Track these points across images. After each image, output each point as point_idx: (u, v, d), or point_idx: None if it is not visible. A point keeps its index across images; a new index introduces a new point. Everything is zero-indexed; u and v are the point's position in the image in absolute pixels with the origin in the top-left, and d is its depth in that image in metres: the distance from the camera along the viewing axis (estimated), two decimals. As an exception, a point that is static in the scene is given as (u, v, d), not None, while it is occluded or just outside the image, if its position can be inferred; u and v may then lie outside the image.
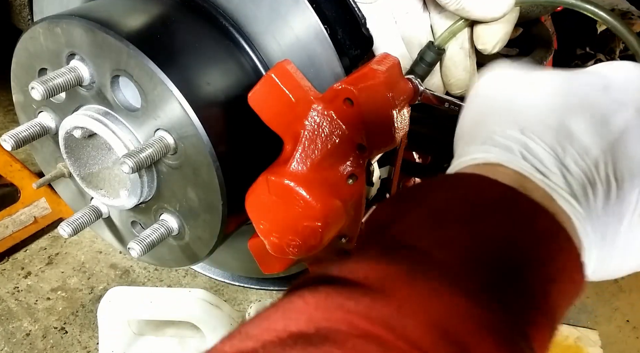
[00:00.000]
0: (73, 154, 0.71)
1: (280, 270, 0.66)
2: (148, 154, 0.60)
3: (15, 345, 1.47)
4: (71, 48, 0.63)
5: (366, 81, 0.58)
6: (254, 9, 0.67)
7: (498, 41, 0.71)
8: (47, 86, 0.61)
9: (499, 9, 0.66)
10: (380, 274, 0.35)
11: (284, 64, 0.58)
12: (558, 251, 0.39)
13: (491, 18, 0.67)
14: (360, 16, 0.69)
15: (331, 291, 0.34)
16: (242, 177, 0.64)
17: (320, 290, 0.34)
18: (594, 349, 1.42)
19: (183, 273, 1.71)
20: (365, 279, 0.34)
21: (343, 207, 0.59)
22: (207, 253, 0.70)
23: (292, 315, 0.33)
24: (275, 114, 0.59)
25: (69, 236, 0.71)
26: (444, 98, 0.72)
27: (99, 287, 1.65)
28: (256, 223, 0.62)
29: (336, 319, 0.32)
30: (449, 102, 0.72)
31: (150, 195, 0.68)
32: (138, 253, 0.65)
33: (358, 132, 0.58)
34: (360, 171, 0.60)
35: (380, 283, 0.34)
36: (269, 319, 0.33)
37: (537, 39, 1.14)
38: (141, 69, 0.59)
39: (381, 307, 0.32)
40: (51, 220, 1.77)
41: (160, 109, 0.61)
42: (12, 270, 1.71)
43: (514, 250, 0.38)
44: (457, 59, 0.75)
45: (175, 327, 1.31)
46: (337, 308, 0.32)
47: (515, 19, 0.71)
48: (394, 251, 0.38)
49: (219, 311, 1.17)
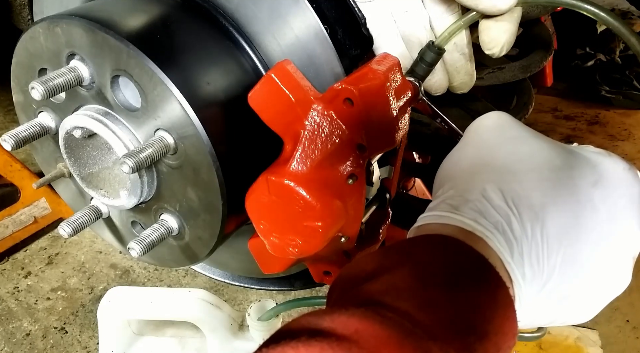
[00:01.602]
0: (73, 154, 0.71)
1: (280, 270, 0.66)
2: (148, 154, 0.60)
3: (15, 345, 1.47)
4: (71, 48, 0.63)
5: (366, 81, 0.58)
6: (254, 9, 0.67)
7: (505, 43, 0.70)
8: (47, 86, 0.61)
9: (506, 1, 0.66)
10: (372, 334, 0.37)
11: (284, 64, 0.58)
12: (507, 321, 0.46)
13: (498, 10, 0.66)
14: (360, 16, 0.69)
15: (325, 346, 0.34)
16: (242, 177, 0.64)
17: (314, 344, 0.34)
18: (594, 349, 1.42)
19: (183, 273, 1.71)
20: (356, 334, 0.36)
21: (343, 207, 0.59)
22: (207, 253, 0.70)
23: None
24: (275, 114, 0.59)
25: (69, 236, 0.71)
26: (438, 114, 0.73)
27: (99, 287, 1.65)
28: (256, 223, 0.62)
29: None
30: (441, 119, 0.73)
31: (150, 195, 0.68)
32: (138, 253, 0.65)
33: (358, 132, 0.58)
34: (360, 171, 0.61)
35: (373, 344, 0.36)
36: None
37: (537, 39, 1.15)
38: (141, 69, 0.59)
39: None
40: (51, 220, 1.78)
41: (160, 109, 0.61)
42: (12, 270, 1.71)
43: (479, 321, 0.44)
44: (459, 65, 0.75)
45: (175, 327, 1.31)
46: None
47: (519, 19, 0.71)
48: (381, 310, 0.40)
49: (219, 311, 1.17)
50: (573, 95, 2.94)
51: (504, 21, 0.69)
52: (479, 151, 0.56)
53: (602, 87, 2.88)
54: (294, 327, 0.38)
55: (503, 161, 0.53)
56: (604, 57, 2.97)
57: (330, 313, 0.38)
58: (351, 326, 0.36)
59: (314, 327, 0.37)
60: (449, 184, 0.56)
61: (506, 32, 0.70)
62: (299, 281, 0.96)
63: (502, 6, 0.66)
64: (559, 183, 0.51)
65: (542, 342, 1.41)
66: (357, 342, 0.35)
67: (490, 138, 0.57)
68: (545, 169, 0.52)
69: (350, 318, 0.37)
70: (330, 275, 0.72)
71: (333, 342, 0.35)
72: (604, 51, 2.97)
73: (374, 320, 0.37)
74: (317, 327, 0.37)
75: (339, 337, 0.35)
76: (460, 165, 0.57)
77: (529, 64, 1.06)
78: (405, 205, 1.02)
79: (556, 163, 0.53)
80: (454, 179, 0.56)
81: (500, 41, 0.70)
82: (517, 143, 0.55)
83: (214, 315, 1.16)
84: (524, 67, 1.06)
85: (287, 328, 0.38)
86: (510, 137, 0.56)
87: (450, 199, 0.53)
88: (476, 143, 0.57)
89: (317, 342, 0.35)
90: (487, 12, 0.67)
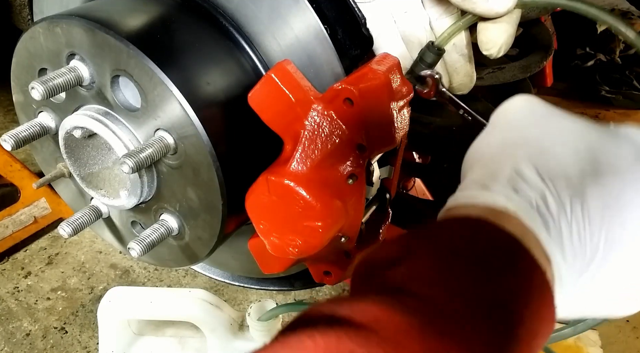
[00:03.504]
0: (73, 154, 0.71)
1: (280, 270, 0.66)
2: (148, 154, 0.60)
3: (15, 345, 1.47)
4: (71, 48, 0.63)
5: (366, 81, 0.58)
6: (254, 9, 0.67)
7: (502, 44, 0.70)
8: (47, 86, 0.61)
9: (503, 4, 0.65)
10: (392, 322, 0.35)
11: (284, 64, 0.58)
12: (543, 306, 0.42)
13: (495, 13, 0.66)
14: (360, 16, 0.69)
15: (343, 335, 0.33)
16: (242, 177, 0.64)
17: (330, 333, 0.33)
18: (594, 349, 1.42)
19: (183, 273, 1.71)
20: (375, 323, 0.34)
21: (343, 207, 0.59)
22: (207, 253, 0.70)
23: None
24: (275, 114, 0.59)
25: (69, 236, 0.71)
26: (461, 105, 0.72)
27: (99, 287, 1.66)
28: (256, 223, 0.62)
29: None
30: (464, 110, 0.72)
31: (150, 195, 0.68)
32: (138, 253, 0.66)
33: (358, 132, 0.58)
34: (360, 171, 0.61)
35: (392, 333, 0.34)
36: None
37: (537, 39, 1.15)
38: (141, 69, 0.59)
39: None
40: (51, 220, 1.78)
41: (160, 109, 0.61)
42: (12, 270, 1.71)
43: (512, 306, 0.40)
44: (458, 66, 0.75)
45: (175, 327, 1.31)
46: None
47: (517, 20, 0.71)
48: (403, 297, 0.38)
49: (219, 311, 1.17)
50: (573, 95, 2.94)
51: (502, 22, 0.69)
52: (509, 133, 0.52)
53: (602, 87, 2.88)
54: (312, 314, 0.37)
55: (535, 139, 0.50)
56: (604, 57, 2.97)
57: (350, 300, 0.37)
58: (370, 314, 0.35)
59: (332, 314, 0.36)
60: (478, 166, 0.52)
61: (504, 33, 0.70)
62: (299, 281, 0.95)
63: (500, 9, 0.66)
64: (598, 157, 0.47)
65: (542, 342, 1.40)
66: (376, 331, 0.34)
67: (520, 119, 0.53)
68: (581, 143, 0.48)
69: (369, 306, 0.36)
70: (331, 275, 0.72)
71: (351, 331, 0.34)
72: (604, 51, 2.97)
73: (395, 307, 0.36)
74: (336, 314, 0.36)
75: (358, 325, 0.34)
76: (490, 147, 0.53)
77: (528, 64, 1.06)
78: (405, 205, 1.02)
79: (592, 137, 0.49)
80: (483, 160, 0.52)
81: (498, 42, 0.70)
82: (548, 120, 0.52)
83: (214, 315, 1.17)
84: (524, 67, 1.06)
85: (305, 315, 0.38)
86: (540, 115, 0.52)
87: (480, 179, 0.49)
88: (505, 125, 0.54)
89: (333, 330, 0.34)
90: (485, 16, 0.67)
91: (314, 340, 0.33)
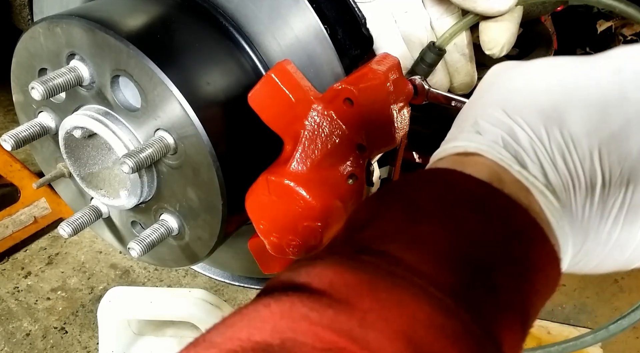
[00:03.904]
0: (73, 154, 0.71)
1: (280, 270, 0.66)
2: (148, 154, 0.60)
3: (15, 345, 1.47)
4: (71, 48, 0.63)
5: (366, 81, 0.58)
6: (254, 9, 0.67)
7: (505, 43, 0.70)
8: (47, 86, 0.61)
9: (504, 2, 0.65)
10: (345, 282, 0.34)
11: (284, 64, 0.58)
12: (531, 248, 0.38)
13: (496, 11, 0.66)
14: (360, 16, 0.69)
15: (296, 300, 0.33)
16: (242, 177, 0.64)
17: (284, 299, 0.33)
18: (594, 349, 1.42)
19: (183, 273, 1.71)
20: (330, 286, 0.34)
21: (343, 207, 0.59)
22: (207, 253, 0.70)
23: (257, 324, 0.32)
24: (275, 114, 0.59)
25: (69, 236, 0.71)
26: (451, 97, 0.71)
27: (99, 287, 1.66)
28: (256, 223, 0.62)
29: (301, 330, 0.31)
30: (455, 101, 0.71)
31: (150, 195, 0.68)
32: (138, 253, 0.66)
33: (358, 132, 0.58)
34: (360, 171, 0.61)
35: (344, 292, 0.33)
36: (234, 327, 0.33)
37: (537, 39, 1.14)
38: (141, 69, 0.59)
39: (345, 319, 0.32)
40: (51, 220, 1.78)
41: (160, 109, 0.61)
42: (12, 270, 1.71)
43: (486, 250, 0.37)
44: (459, 66, 0.75)
45: (175, 327, 1.31)
46: (302, 319, 0.32)
47: (519, 19, 0.71)
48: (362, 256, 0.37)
49: (219, 311, 1.17)
50: (573, 95, 2.94)
51: (504, 21, 0.69)
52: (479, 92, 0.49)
53: (602, 87, 2.88)
54: (272, 283, 0.37)
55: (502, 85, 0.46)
56: (604, 57, 2.97)
57: (308, 266, 0.36)
58: (325, 278, 0.34)
59: (290, 281, 0.35)
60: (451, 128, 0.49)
61: (506, 32, 0.69)
62: (299, 281, 0.95)
63: (501, 7, 0.66)
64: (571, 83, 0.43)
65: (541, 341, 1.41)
66: (329, 294, 0.33)
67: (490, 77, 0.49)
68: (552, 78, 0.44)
69: (325, 270, 0.35)
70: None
71: (304, 296, 0.33)
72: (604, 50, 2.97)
73: (348, 267, 0.35)
74: (294, 281, 0.35)
75: (313, 290, 0.34)
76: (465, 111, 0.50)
77: (529, 64, 1.06)
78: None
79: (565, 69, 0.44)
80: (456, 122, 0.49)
81: (500, 41, 0.70)
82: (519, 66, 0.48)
83: (214, 315, 1.17)
84: (524, 67, 1.05)
85: (266, 285, 0.37)
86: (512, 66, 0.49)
87: (449, 135, 0.47)
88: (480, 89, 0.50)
89: (288, 297, 0.33)
90: (486, 14, 0.67)
91: (268, 307, 0.33)
